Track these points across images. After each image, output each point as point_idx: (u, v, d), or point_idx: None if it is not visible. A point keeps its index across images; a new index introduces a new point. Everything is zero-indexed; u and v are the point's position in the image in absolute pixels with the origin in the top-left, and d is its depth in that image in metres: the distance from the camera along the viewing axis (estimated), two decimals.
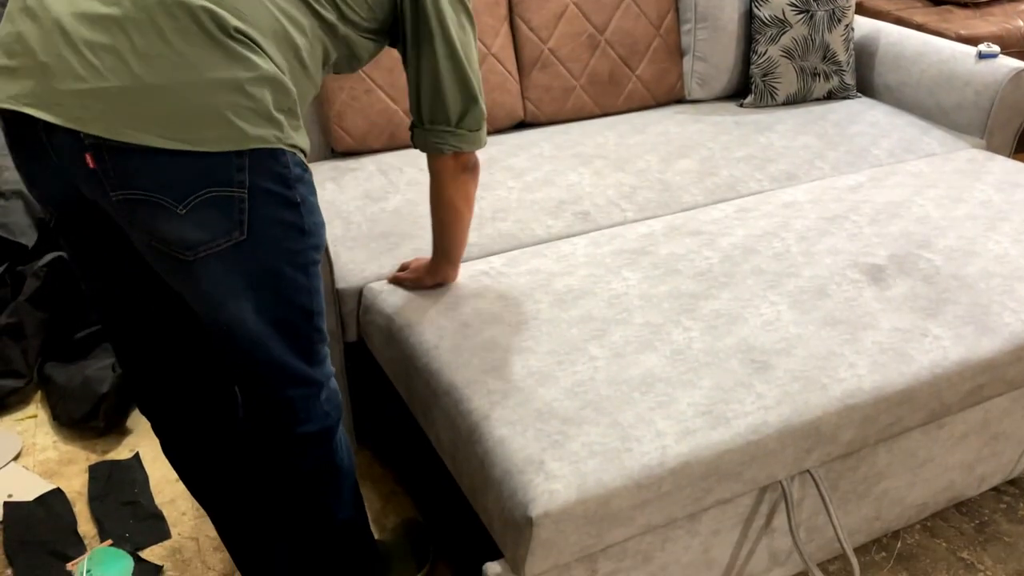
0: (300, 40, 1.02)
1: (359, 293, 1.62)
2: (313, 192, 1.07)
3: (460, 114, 1.25)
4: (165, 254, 1.00)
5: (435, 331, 1.42)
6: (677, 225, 1.77)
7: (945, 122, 2.36)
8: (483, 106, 1.27)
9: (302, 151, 1.03)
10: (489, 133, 2.20)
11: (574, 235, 1.77)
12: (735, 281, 1.56)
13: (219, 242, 0.98)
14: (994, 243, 1.70)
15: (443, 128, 1.25)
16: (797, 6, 2.37)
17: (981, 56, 2.28)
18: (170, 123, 0.91)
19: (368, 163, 2.01)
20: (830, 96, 2.49)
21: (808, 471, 1.33)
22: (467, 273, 1.59)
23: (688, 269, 1.59)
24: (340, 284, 1.61)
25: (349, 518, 1.32)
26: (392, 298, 1.53)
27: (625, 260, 1.63)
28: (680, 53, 2.41)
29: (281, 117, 0.97)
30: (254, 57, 0.94)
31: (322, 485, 1.26)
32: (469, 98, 1.24)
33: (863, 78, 2.58)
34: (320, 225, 1.09)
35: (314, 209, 1.07)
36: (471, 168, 1.33)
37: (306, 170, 1.04)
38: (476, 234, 1.73)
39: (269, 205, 0.99)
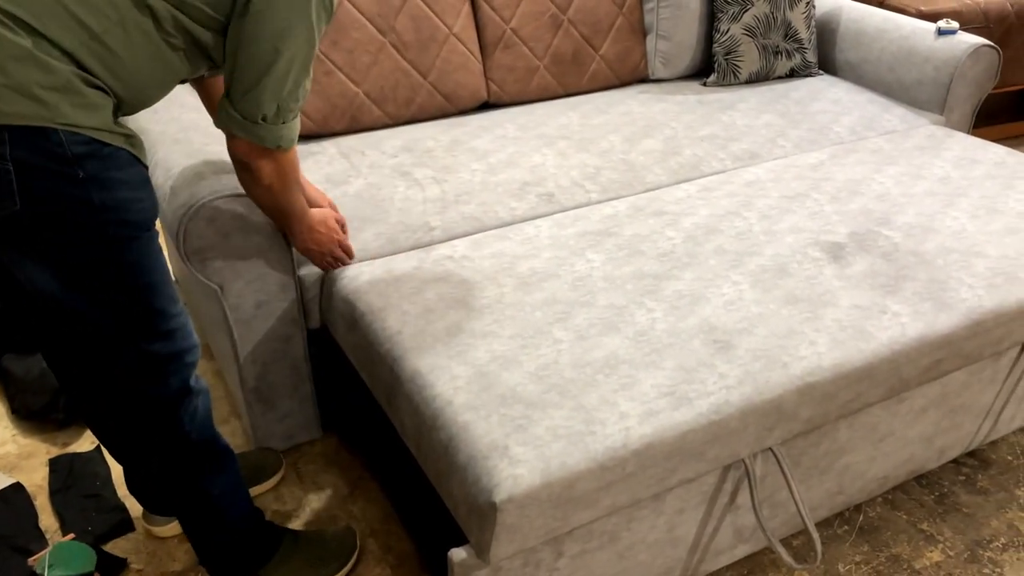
0: (94, 21, 1.02)
1: (321, 279, 1.60)
2: (117, 167, 1.05)
3: (242, 94, 1.18)
4: None
5: (398, 317, 1.41)
6: (641, 206, 1.77)
7: (905, 98, 2.38)
8: (264, 103, 1.18)
9: (94, 129, 1.02)
10: (453, 115, 2.18)
11: (538, 217, 1.76)
12: (698, 261, 1.56)
13: None
14: (952, 219, 1.72)
15: (226, 99, 1.20)
16: None
17: (940, 32, 2.30)
18: None
19: (329, 146, 1.98)
20: (792, 74, 2.50)
21: (770, 448, 1.35)
22: (430, 257, 1.58)
23: (651, 250, 1.60)
24: (302, 271, 1.59)
25: (205, 489, 1.34)
26: (354, 284, 1.51)
27: (589, 242, 1.62)
28: (643, 32, 2.40)
29: (47, 96, 0.98)
30: (10, 36, 0.96)
31: (173, 448, 1.29)
32: (264, 87, 1.17)
33: (825, 55, 2.59)
34: (128, 201, 1.07)
35: (114, 185, 1.05)
36: (241, 160, 1.25)
37: (104, 146, 1.04)
38: (439, 218, 1.72)
39: (44, 179, 1.00)
